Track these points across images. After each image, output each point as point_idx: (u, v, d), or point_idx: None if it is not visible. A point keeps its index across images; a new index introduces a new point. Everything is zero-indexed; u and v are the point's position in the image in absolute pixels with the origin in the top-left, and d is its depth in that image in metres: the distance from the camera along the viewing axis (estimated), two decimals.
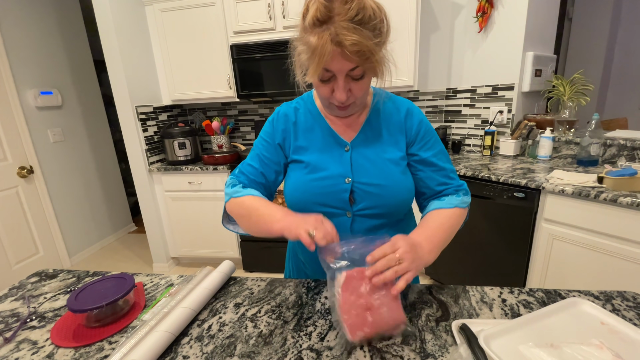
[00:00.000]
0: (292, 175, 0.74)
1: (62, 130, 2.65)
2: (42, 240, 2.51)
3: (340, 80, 0.59)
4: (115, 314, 0.65)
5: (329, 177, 0.69)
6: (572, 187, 1.36)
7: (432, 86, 2.34)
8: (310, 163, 0.71)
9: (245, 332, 0.59)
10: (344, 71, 0.58)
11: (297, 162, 0.73)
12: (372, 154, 0.71)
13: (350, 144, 0.71)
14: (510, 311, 0.61)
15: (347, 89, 0.60)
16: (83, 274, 0.85)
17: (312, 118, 0.74)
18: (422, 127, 0.74)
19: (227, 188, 0.74)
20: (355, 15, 0.53)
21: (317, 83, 0.62)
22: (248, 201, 0.68)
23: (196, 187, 2.27)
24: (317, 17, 0.54)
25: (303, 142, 0.73)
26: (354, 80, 0.60)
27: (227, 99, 2.32)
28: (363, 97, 0.66)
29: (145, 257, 2.77)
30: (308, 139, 0.73)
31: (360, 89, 0.62)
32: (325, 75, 0.59)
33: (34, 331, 0.64)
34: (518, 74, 1.95)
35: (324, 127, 0.73)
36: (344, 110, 0.66)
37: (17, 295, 0.77)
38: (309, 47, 0.56)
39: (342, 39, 0.53)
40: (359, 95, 0.63)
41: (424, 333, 0.57)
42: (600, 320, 0.56)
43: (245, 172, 0.75)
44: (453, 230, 0.71)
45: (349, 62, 0.56)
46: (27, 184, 2.39)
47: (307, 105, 0.76)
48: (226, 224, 0.77)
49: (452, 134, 2.37)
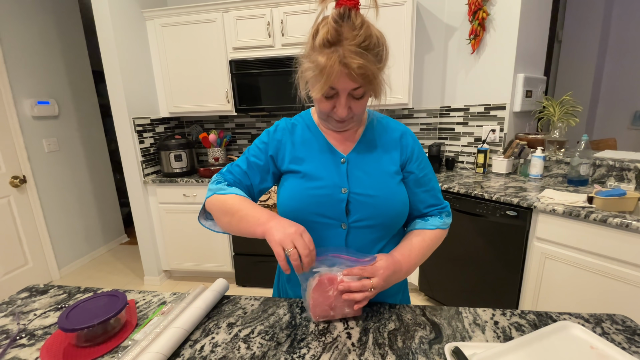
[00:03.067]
0: (287, 184, 0.75)
1: (57, 140, 2.64)
2: (32, 251, 2.46)
3: (342, 98, 0.63)
4: (107, 333, 0.64)
5: (325, 187, 0.71)
6: (563, 207, 1.38)
7: (426, 104, 2.40)
8: (307, 173, 0.73)
9: (238, 353, 0.59)
10: (347, 90, 0.62)
11: (293, 172, 0.74)
12: (368, 166, 0.73)
13: (346, 156, 0.74)
14: (502, 334, 0.62)
15: (348, 106, 0.65)
16: (74, 290, 0.84)
17: (309, 132, 0.77)
18: (416, 147, 0.78)
19: (212, 184, 0.75)
20: (363, 41, 0.58)
21: (320, 98, 0.65)
22: (232, 200, 0.69)
23: (191, 199, 2.27)
24: (327, 38, 0.59)
25: (300, 153, 0.75)
26: (355, 99, 0.65)
27: (225, 113, 2.35)
28: (361, 114, 0.70)
29: (137, 270, 2.73)
30: (305, 150, 0.75)
31: (360, 107, 0.66)
32: (330, 93, 0.63)
33: (23, 349, 0.63)
34: (509, 94, 2.01)
35: (321, 139, 0.75)
36: (342, 124, 0.70)
37: (6, 311, 0.76)
38: (317, 66, 0.60)
39: (350, 62, 0.57)
40: (357, 113, 0.67)
41: (417, 356, 0.57)
42: (590, 345, 0.57)
43: (232, 172, 0.77)
44: (431, 250, 0.77)
45: (353, 82, 0.60)
46: (20, 193, 2.36)
47: (305, 121, 0.79)
48: (202, 220, 0.77)
49: (446, 151, 2.41)
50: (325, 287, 0.62)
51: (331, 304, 0.63)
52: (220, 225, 0.72)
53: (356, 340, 0.61)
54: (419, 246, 0.74)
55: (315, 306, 0.64)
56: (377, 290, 0.64)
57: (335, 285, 0.62)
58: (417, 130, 2.45)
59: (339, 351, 0.58)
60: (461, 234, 1.78)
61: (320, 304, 0.64)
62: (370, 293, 0.62)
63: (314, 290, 0.62)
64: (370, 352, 0.58)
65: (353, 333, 0.63)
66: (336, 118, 0.67)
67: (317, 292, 0.62)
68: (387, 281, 0.65)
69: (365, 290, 0.62)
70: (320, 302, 0.63)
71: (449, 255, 1.87)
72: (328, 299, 0.63)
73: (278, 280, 0.89)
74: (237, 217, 0.66)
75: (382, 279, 0.63)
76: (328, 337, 0.62)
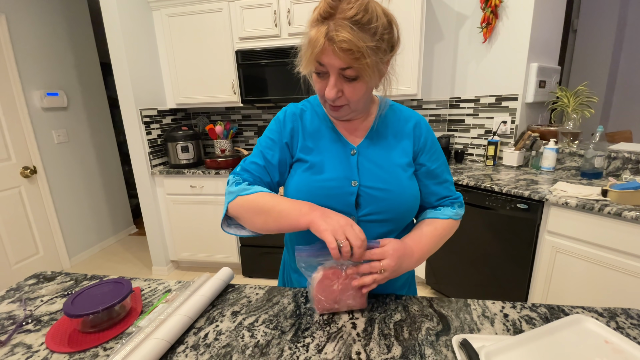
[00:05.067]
0: (295, 175, 0.72)
1: (66, 132, 2.67)
2: (43, 241, 2.51)
3: (331, 77, 0.59)
4: (112, 319, 0.64)
5: (334, 179, 0.68)
6: (576, 200, 1.34)
7: (435, 95, 2.35)
8: (316, 164, 0.70)
9: (242, 341, 0.58)
10: (336, 68, 0.58)
11: (302, 161, 0.72)
12: (379, 158, 0.70)
13: (357, 147, 0.71)
14: (512, 327, 0.60)
15: (338, 88, 0.60)
16: (81, 278, 0.84)
17: (318, 120, 0.74)
18: (429, 138, 0.74)
19: (231, 187, 0.69)
20: (354, 15, 0.54)
21: (314, 78, 0.63)
22: (262, 198, 0.64)
23: (198, 190, 2.27)
24: (320, 13, 0.56)
25: (310, 143, 0.72)
26: (347, 81, 0.60)
27: (231, 104, 2.33)
28: (358, 102, 0.64)
29: (145, 260, 2.77)
30: (314, 139, 0.72)
31: (353, 92, 0.61)
32: (319, 69, 0.60)
33: (29, 335, 0.63)
34: (522, 84, 1.95)
35: (330, 129, 0.73)
36: (335, 111, 0.65)
37: (14, 297, 0.76)
38: (307, 40, 0.58)
39: (334, 35, 0.54)
40: (351, 99, 0.62)
41: (424, 347, 0.56)
42: (604, 339, 0.55)
43: (250, 170, 0.72)
44: (442, 240, 0.74)
45: (338, 59, 0.56)
46: (30, 184, 2.40)
47: (314, 107, 0.76)
48: (226, 227, 0.71)
49: (455, 143, 2.36)
50: (329, 281, 0.61)
51: (335, 297, 0.62)
52: (253, 227, 0.66)
53: (361, 330, 0.60)
54: (431, 234, 0.71)
55: (319, 300, 0.62)
56: (388, 274, 0.60)
57: (340, 279, 0.61)
58: None
59: (344, 341, 0.57)
60: (470, 227, 1.75)
61: (325, 298, 0.62)
62: (380, 276, 0.59)
63: (318, 284, 0.61)
64: (376, 342, 0.57)
65: (358, 323, 0.62)
66: (328, 101, 0.63)
67: (321, 286, 0.61)
68: (398, 263, 0.61)
69: (374, 271, 0.59)
70: (324, 296, 0.62)
71: (456, 248, 1.85)
72: (332, 293, 0.61)
73: (283, 270, 0.88)
74: (275, 213, 0.61)
75: (393, 260, 0.60)
76: (333, 327, 0.61)
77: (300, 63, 0.62)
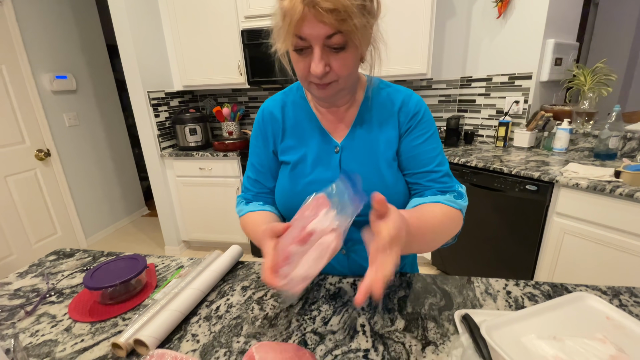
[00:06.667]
0: (281, 179, 0.71)
1: (77, 115, 2.70)
2: (60, 221, 2.60)
3: (316, 50, 0.52)
4: (128, 292, 0.68)
5: (316, 182, 0.65)
6: (587, 181, 1.32)
7: (446, 74, 2.28)
8: (298, 164, 0.67)
9: (252, 313, 0.61)
10: (320, 38, 0.51)
11: (285, 163, 0.69)
12: (363, 155, 0.65)
13: (340, 144, 0.66)
14: (514, 303, 0.61)
15: (325, 62, 0.53)
16: (98, 254, 0.88)
17: (301, 112, 0.68)
18: (418, 117, 0.65)
19: (237, 206, 0.76)
20: None
21: (294, 57, 0.55)
22: (246, 221, 0.70)
23: (207, 172, 2.31)
24: None
25: (290, 141, 0.68)
26: (334, 51, 0.53)
27: (238, 86, 2.32)
28: (348, 78, 0.57)
29: (158, 240, 2.85)
30: (297, 136, 0.68)
31: (342, 64, 0.54)
32: (299, 44, 0.52)
33: (52, 306, 0.67)
34: (537, 62, 1.89)
35: (313, 123, 0.67)
36: (323, 90, 0.57)
37: (36, 272, 0.81)
38: (280, 12, 0.51)
39: None
40: (340, 74, 0.55)
41: (427, 321, 0.57)
42: (606, 315, 0.55)
43: (247, 186, 0.76)
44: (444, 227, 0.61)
45: (322, 24, 0.49)
46: (45, 166, 2.47)
47: (296, 97, 0.70)
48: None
49: (465, 124, 2.32)
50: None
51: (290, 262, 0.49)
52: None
53: (366, 305, 0.62)
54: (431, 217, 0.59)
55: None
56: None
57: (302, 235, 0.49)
58: (436, 102, 2.36)
59: (349, 314, 0.60)
60: (477, 208, 1.75)
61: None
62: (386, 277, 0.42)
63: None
64: (380, 316, 0.59)
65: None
66: (314, 80, 0.55)
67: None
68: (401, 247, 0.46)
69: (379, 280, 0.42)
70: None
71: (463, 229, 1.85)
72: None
73: None
74: (252, 238, 0.67)
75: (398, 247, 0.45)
76: (339, 301, 0.63)
77: (276, 41, 0.56)
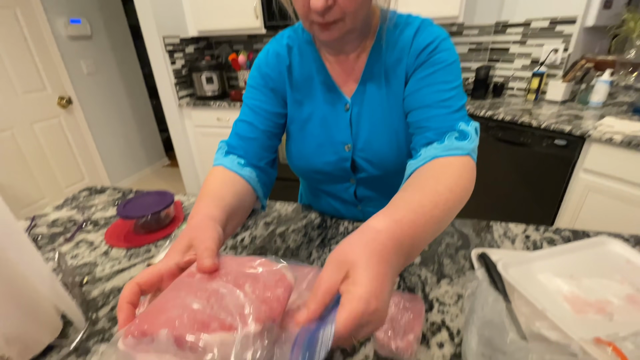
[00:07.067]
0: (289, 137, 0.66)
1: (94, 62, 2.69)
2: (86, 168, 2.73)
3: None
4: (159, 223, 0.72)
5: (326, 144, 0.61)
6: (622, 136, 1.25)
7: (479, 19, 2.09)
8: (306, 125, 0.62)
9: (275, 245, 0.64)
10: None
11: (294, 120, 0.63)
12: (375, 111, 0.59)
13: (350, 100, 0.59)
14: (532, 246, 0.62)
15: None
16: (127, 191, 0.93)
17: (308, 60, 0.60)
18: (429, 48, 0.52)
19: (216, 152, 0.61)
20: None
21: None
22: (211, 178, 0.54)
23: (224, 123, 2.31)
24: None
25: (299, 95, 0.61)
26: None
27: (254, 31, 2.21)
28: (356, 15, 0.47)
29: (179, 190, 2.97)
30: (304, 89, 0.61)
31: None
32: None
33: (89, 234, 0.73)
34: (584, 4, 1.69)
35: (322, 75, 0.59)
36: (328, 31, 0.48)
37: (72, 204, 0.86)
38: None
39: None
40: (347, 8, 0.45)
41: (442, 258, 0.59)
42: (626, 259, 0.55)
43: (236, 131, 0.60)
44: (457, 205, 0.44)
45: None
46: (68, 114, 2.52)
47: (301, 41, 0.60)
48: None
49: (495, 75, 2.17)
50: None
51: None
52: None
53: None
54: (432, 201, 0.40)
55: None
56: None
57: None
58: (465, 51, 2.19)
59: None
60: (497, 163, 1.70)
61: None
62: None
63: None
64: None
65: None
66: (316, 19, 0.46)
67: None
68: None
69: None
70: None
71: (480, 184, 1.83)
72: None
73: (301, 200, 0.90)
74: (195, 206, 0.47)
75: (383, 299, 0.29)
76: None
77: None
